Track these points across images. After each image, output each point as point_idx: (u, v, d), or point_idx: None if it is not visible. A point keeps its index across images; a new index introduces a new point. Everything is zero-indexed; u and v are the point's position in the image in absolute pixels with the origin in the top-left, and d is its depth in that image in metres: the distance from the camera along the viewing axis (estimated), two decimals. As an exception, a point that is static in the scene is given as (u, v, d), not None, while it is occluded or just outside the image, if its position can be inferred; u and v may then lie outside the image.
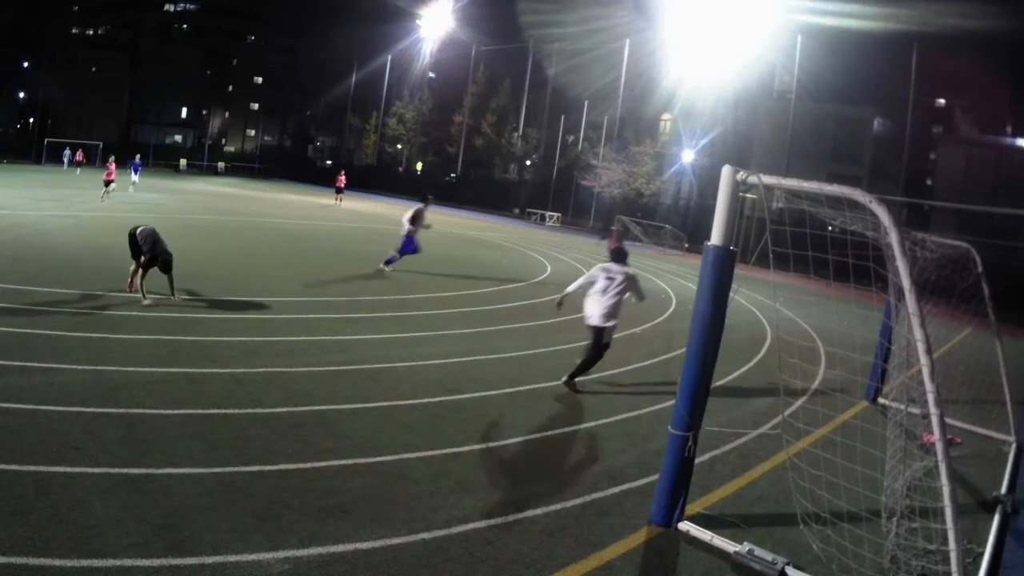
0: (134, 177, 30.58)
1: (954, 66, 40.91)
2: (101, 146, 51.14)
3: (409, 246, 14.75)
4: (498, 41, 56.33)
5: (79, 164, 43.10)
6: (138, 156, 34.01)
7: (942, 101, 47.53)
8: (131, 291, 9.78)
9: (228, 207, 25.64)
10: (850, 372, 10.02)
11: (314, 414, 6.18)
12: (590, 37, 48.09)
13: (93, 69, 71.73)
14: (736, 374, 9.84)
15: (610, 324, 7.91)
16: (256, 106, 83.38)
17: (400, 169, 63.49)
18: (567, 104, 51.99)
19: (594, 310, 7.93)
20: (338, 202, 36.21)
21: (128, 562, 3.69)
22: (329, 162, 77.30)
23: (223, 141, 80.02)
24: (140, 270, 9.72)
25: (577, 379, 8.05)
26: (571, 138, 53.50)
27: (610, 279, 7.94)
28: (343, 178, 38.06)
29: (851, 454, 5.59)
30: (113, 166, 25.39)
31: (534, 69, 52.68)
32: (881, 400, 9.10)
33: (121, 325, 8.14)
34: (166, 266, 9.78)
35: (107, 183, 24.42)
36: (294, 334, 8.77)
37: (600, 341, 7.93)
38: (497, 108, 56.64)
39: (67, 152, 45.62)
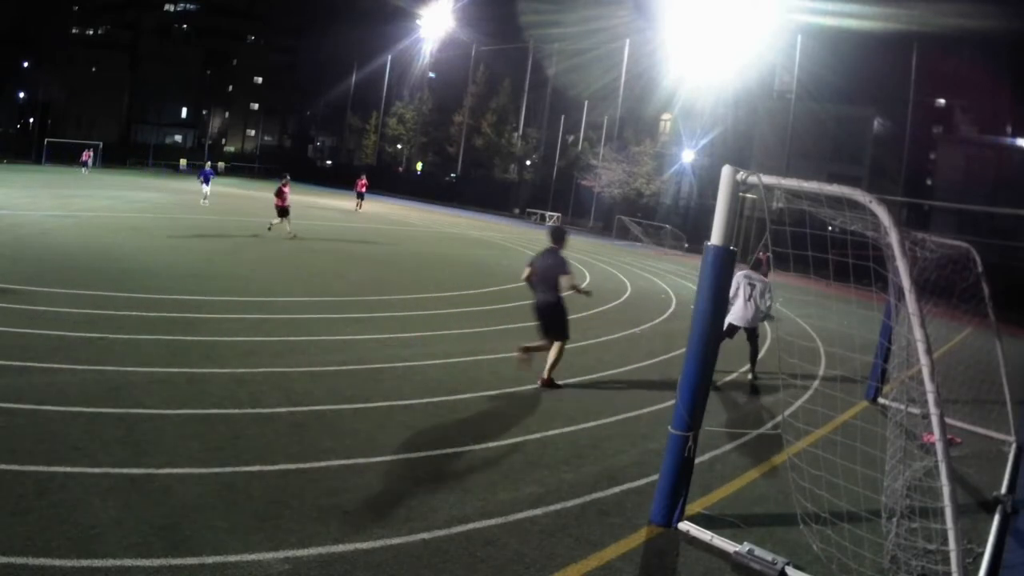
0: (205, 189, 26.39)
1: (954, 66, 40.90)
2: (101, 146, 51.19)
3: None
4: (498, 41, 56.33)
5: (84, 164, 43.12)
6: (209, 164, 27.61)
7: (942, 101, 47.52)
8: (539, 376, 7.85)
9: (228, 207, 25.64)
10: (850, 372, 10.03)
11: (314, 414, 6.18)
12: (590, 37, 48.08)
13: (93, 69, 71.77)
14: (736, 374, 9.84)
15: (757, 323, 9.54)
16: (256, 106, 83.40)
17: (400, 169, 63.49)
18: (567, 104, 51.96)
19: (746, 314, 9.29)
20: (359, 208, 32.89)
21: (128, 562, 3.69)
22: (329, 162, 77.31)
23: (223, 141, 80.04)
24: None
25: (752, 372, 9.63)
26: (571, 138, 53.48)
27: (752, 285, 9.28)
28: (365, 182, 34.11)
29: (851, 454, 5.59)
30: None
31: (534, 69, 52.67)
32: (881, 400, 9.10)
33: (121, 325, 8.14)
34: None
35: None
36: (294, 334, 8.77)
37: (755, 336, 9.62)
38: (497, 108, 56.61)
39: (89, 153, 45.63)
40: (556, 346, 7.85)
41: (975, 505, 6.16)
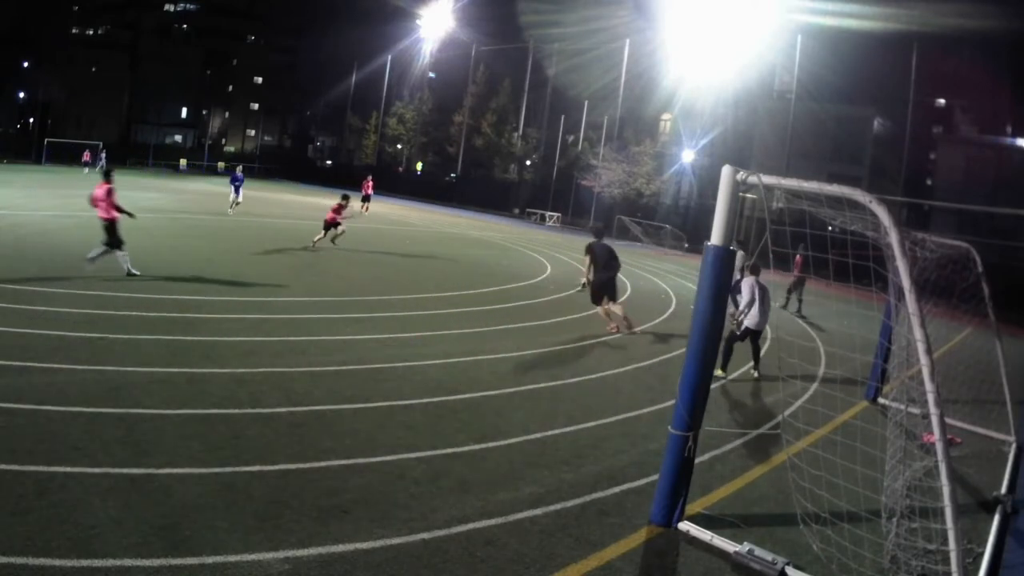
0: (235, 196, 24.48)
1: (954, 66, 40.88)
2: (101, 145, 51.22)
3: None
4: (498, 41, 56.31)
5: (86, 164, 43.05)
6: (239, 168, 25.79)
7: (942, 101, 47.48)
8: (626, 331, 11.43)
9: (227, 207, 25.58)
10: (850, 372, 10.03)
11: (314, 414, 6.18)
12: (590, 37, 48.05)
13: (93, 69, 71.76)
14: (736, 374, 9.83)
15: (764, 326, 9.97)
16: (256, 106, 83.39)
17: (400, 169, 63.49)
18: (567, 104, 51.93)
19: (760, 319, 9.62)
20: (365, 211, 30.58)
21: (128, 562, 3.70)
22: (329, 162, 77.31)
23: (223, 141, 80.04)
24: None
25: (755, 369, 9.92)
26: (571, 138, 53.46)
27: (764, 292, 9.64)
28: (371, 183, 31.93)
29: (851, 454, 5.59)
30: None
31: (534, 69, 52.64)
32: (881, 400, 9.10)
33: (121, 325, 8.14)
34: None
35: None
36: (294, 334, 8.77)
37: (759, 335, 9.91)
38: (497, 108, 56.60)
39: (103, 155, 45.73)
40: (619, 306, 11.69)
41: (975, 505, 6.16)
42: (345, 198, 17.74)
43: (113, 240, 10.91)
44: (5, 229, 14.62)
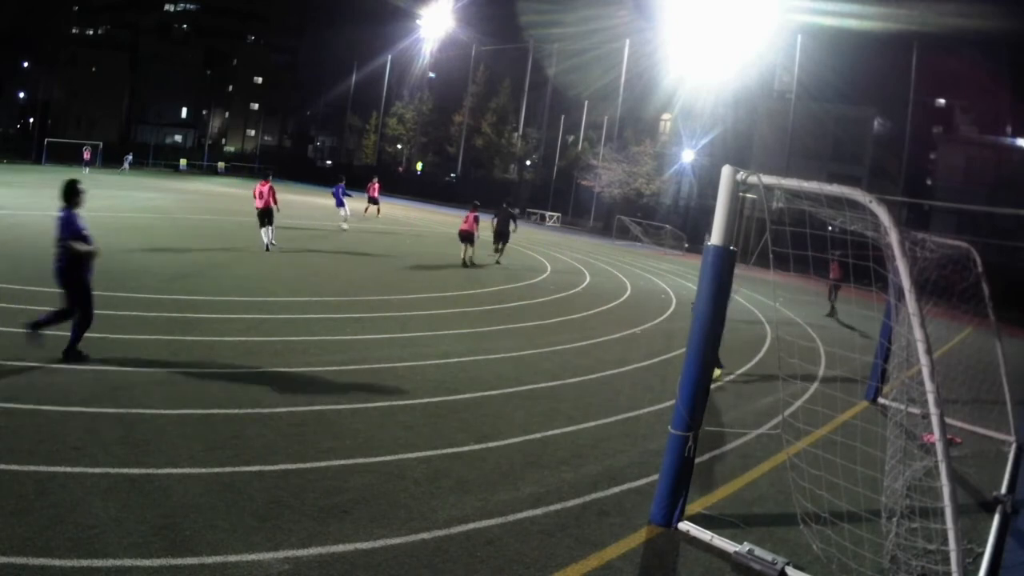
0: (344, 211, 22.67)
1: (954, 66, 40.88)
2: (101, 146, 51.19)
3: None
4: (498, 41, 56.32)
5: (87, 164, 42.96)
6: (343, 181, 23.66)
7: (942, 101, 47.47)
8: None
9: (228, 207, 25.61)
10: (850, 372, 10.03)
11: (314, 414, 6.18)
12: (590, 37, 48.09)
13: (93, 69, 71.65)
14: (736, 374, 9.83)
15: None
16: (256, 106, 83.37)
17: (400, 169, 63.47)
18: (567, 104, 51.94)
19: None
20: (367, 213, 29.41)
21: (128, 562, 3.70)
22: (329, 162, 77.25)
23: (223, 141, 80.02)
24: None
25: None
26: (571, 138, 53.46)
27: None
28: (377, 185, 30.39)
29: (851, 454, 5.59)
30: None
31: (534, 69, 52.64)
32: (881, 400, 9.10)
33: (121, 325, 8.14)
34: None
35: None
36: (294, 334, 8.77)
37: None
38: (497, 108, 56.57)
39: (128, 157, 45.94)
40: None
41: (975, 505, 6.16)
42: (475, 207, 18.05)
43: (269, 220, 15.79)
44: (5, 229, 14.61)
